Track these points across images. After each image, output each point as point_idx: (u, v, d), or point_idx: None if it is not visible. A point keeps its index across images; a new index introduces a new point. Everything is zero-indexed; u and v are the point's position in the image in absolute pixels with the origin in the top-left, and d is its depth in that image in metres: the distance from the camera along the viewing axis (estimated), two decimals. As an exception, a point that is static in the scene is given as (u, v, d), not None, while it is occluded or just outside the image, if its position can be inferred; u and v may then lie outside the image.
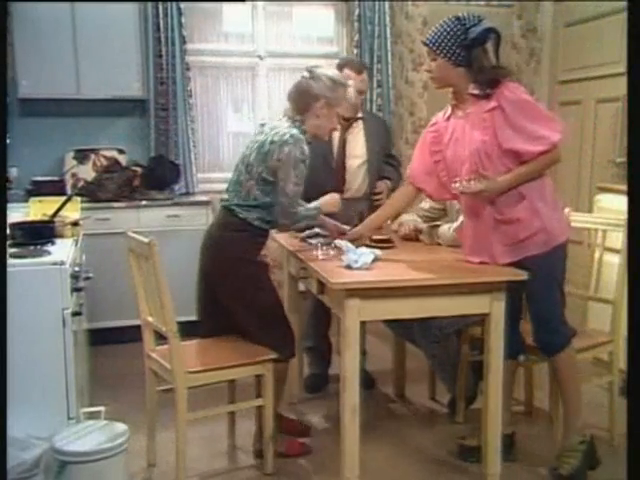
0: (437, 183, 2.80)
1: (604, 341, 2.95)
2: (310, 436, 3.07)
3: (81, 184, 4.47)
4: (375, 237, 2.98)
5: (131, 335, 3.43)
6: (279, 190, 2.69)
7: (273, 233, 3.41)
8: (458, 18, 2.59)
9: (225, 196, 2.83)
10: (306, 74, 2.79)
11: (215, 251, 2.76)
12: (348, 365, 2.45)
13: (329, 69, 2.93)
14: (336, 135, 3.46)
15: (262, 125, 3.02)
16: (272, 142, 2.68)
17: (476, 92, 2.57)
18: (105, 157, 4.60)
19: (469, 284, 2.51)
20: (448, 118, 2.72)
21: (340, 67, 3.42)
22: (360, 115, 3.53)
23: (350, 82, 3.26)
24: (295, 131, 2.71)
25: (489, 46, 2.56)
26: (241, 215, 2.72)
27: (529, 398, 3.29)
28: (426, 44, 2.64)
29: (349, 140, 3.50)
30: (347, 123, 3.49)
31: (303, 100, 2.76)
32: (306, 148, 2.71)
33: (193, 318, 2.89)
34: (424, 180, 2.83)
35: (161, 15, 4.59)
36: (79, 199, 3.53)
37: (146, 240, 2.47)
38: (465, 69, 2.57)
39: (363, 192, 3.51)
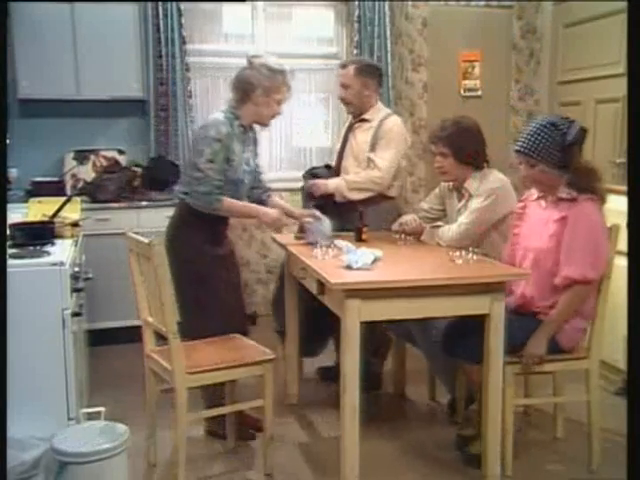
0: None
1: (578, 356, 2.75)
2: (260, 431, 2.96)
3: (81, 185, 4.47)
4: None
5: (131, 335, 3.45)
6: (191, 165, 2.86)
7: (272, 233, 3.42)
8: (554, 124, 2.63)
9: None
10: (246, 64, 2.98)
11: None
12: (348, 365, 2.45)
13: (269, 58, 3.05)
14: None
15: None
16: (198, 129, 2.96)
17: (563, 196, 2.65)
18: (105, 158, 4.60)
19: (469, 285, 2.51)
20: (538, 198, 2.81)
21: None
22: (367, 117, 3.46)
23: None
24: (218, 114, 2.90)
25: (580, 143, 2.66)
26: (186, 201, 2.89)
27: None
28: (524, 152, 2.66)
29: (350, 140, 3.49)
30: (354, 122, 3.50)
31: (242, 89, 2.93)
32: (224, 129, 2.84)
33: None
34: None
35: (161, 16, 4.59)
36: (79, 200, 3.54)
37: (146, 240, 2.47)
38: (562, 170, 2.64)
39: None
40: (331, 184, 3.39)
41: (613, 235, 2.69)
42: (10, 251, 2.49)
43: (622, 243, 2.90)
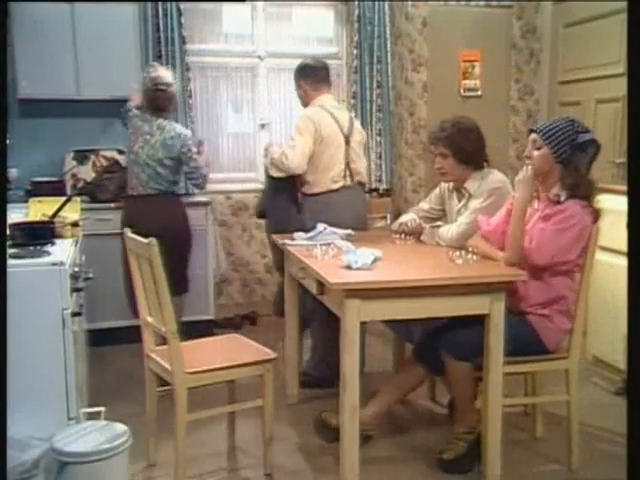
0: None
1: (558, 357, 2.73)
2: None
3: (81, 185, 4.47)
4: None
5: (131, 335, 3.44)
6: (194, 166, 3.70)
7: (272, 235, 3.42)
8: (572, 120, 2.69)
9: (148, 187, 3.67)
10: (166, 85, 3.65)
11: (174, 222, 3.71)
12: (348, 365, 2.45)
13: (161, 70, 3.74)
14: None
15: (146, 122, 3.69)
16: (172, 138, 3.62)
17: (551, 197, 2.66)
18: (105, 158, 4.59)
19: (469, 284, 2.51)
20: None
21: None
22: None
23: None
24: (180, 128, 3.72)
25: (588, 155, 2.67)
26: (176, 192, 3.82)
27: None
28: (535, 131, 2.71)
29: None
30: None
31: (173, 101, 3.78)
32: None
33: (193, 318, 2.89)
34: (496, 238, 2.86)
35: (161, 15, 4.60)
36: (79, 199, 3.53)
37: (146, 240, 2.47)
38: (561, 167, 2.65)
39: None
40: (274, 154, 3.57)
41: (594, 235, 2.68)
42: (10, 251, 2.48)
43: (622, 243, 2.91)
